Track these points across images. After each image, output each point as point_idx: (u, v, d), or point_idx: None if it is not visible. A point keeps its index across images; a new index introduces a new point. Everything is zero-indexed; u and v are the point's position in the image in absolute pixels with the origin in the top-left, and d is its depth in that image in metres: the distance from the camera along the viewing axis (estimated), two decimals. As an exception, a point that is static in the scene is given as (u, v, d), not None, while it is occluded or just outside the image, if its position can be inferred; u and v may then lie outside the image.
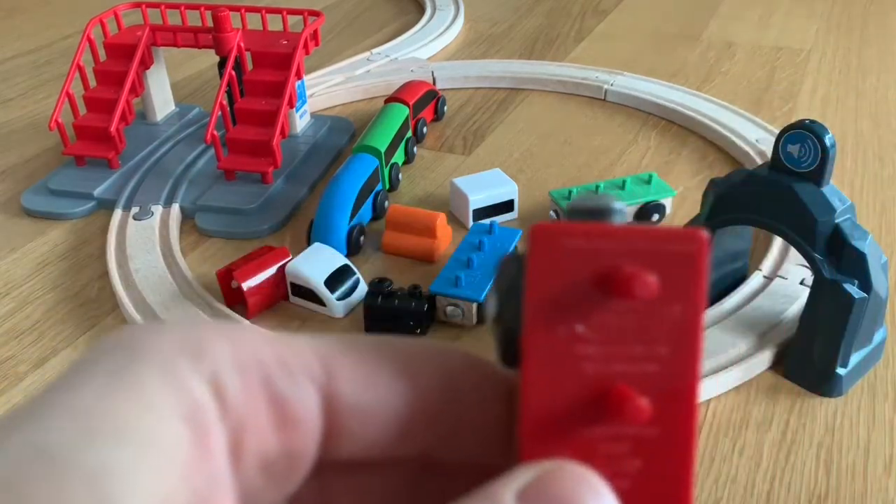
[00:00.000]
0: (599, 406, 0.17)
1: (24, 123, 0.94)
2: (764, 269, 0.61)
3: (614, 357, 0.17)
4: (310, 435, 0.17)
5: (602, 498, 0.16)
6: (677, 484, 0.17)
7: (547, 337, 0.17)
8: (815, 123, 0.50)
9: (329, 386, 0.17)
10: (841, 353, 0.51)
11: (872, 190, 0.76)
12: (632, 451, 0.17)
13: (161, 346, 0.16)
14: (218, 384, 0.16)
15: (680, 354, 0.17)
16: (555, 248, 0.16)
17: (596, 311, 0.17)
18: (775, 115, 0.90)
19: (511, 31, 1.18)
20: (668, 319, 0.17)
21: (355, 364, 0.18)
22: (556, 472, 0.16)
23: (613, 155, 0.83)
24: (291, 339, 0.17)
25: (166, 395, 0.15)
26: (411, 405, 0.18)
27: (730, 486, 0.46)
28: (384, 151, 0.73)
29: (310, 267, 0.60)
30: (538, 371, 0.17)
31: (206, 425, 0.15)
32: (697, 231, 0.17)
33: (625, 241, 0.17)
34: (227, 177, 0.76)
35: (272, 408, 0.17)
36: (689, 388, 0.17)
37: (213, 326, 0.17)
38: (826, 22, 1.19)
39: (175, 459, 0.14)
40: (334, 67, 1.01)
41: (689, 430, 0.17)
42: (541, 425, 0.17)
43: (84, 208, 0.75)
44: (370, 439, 0.18)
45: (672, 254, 0.17)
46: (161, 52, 0.84)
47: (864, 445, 0.49)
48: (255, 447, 0.16)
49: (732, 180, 0.55)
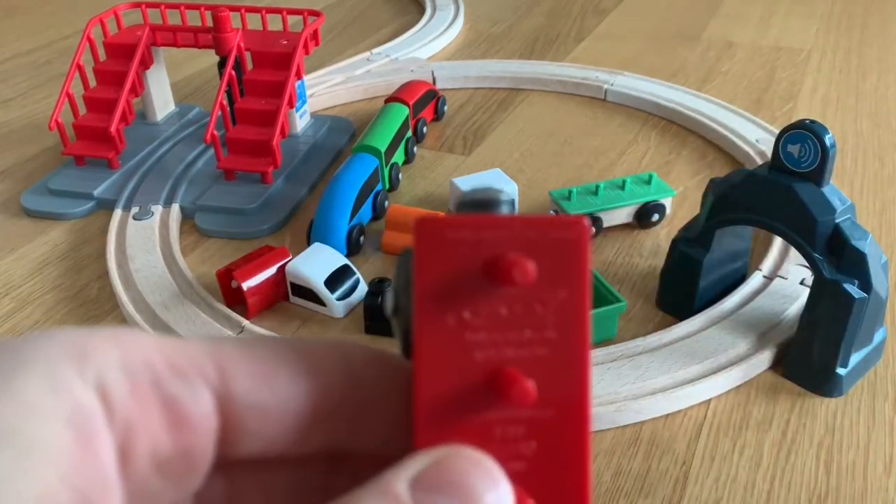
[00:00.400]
0: (490, 391, 0.17)
1: (23, 123, 0.94)
2: (764, 269, 0.61)
3: (504, 343, 0.17)
4: (205, 435, 0.17)
5: (495, 481, 0.17)
6: (574, 464, 0.18)
7: (436, 326, 0.17)
8: (815, 123, 0.50)
9: (223, 386, 0.17)
10: (841, 352, 0.51)
11: (872, 190, 0.76)
12: (527, 434, 0.17)
13: (45, 351, 0.16)
14: (104, 387, 0.16)
15: (568, 338, 0.17)
16: (439, 239, 0.17)
17: (483, 298, 0.17)
18: (775, 115, 0.90)
19: (511, 30, 1.18)
20: (554, 304, 0.17)
21: (251, 364, 0.18)
22: (450, 458, 0.17)
23: (613, 155, 0.83)
24: (184, 342, 0.18)
25: (48, 400, 0.15)
26: (312, 401, 0.18)
27: (730, 485, 0.46)
28: (384, 151, 0.73)
29: (310, 267, 0.60)
30: (429, 359, 0.17)
31: (91, 428, 0.16)
32: (580, 218, 0.17)
33: (509, 231, 0.17)
34: (227, 177, 0.76)
35: (164, 410, 0.17)
36: (579, 370, 0.17)
37: (101, 331, 0.17)
38: (826, 22, 1.18)
39: (56, 462, 0.15)
40: (334, 67, 1.01)
41: (582, 411, 0.17)
42: (434, 412, 0.17)
43: (84, 208, 0.74)
44: (272, 436, 0.18)
45: (555, 241, 0.17)
46: (161, 52, 0.84)
47: (865, 445, 0.49)
48: (146, 448, 0.17)
49: (732, 180, 0.55)
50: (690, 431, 0.50)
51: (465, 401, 0.17)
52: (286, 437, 0.18)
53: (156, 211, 0.72)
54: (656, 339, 0.55)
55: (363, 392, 0.19)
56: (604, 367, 0.52)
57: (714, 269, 0.58)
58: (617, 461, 0.48)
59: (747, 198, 0.53)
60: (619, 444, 0.49)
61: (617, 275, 0.64)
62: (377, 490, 0.16)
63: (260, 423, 0.18)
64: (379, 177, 0.72)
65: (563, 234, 0.17)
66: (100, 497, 0.15)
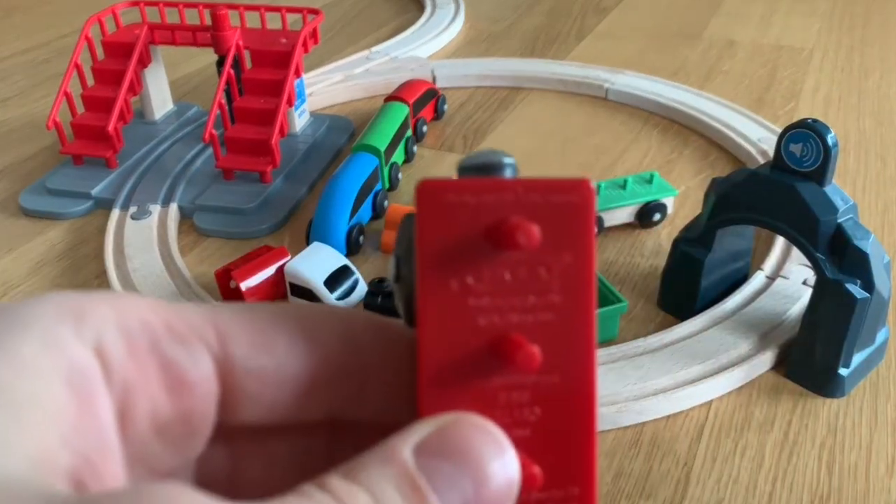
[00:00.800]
0: (494, 356, 0.17)
1: (21, 122, 0.93)
2: (766, 269, 0.61)
3: (508, 308, 0.17)
4: (204, 398, 0.17)
5: (501, 448, 0.16)
6: (579, 430, 0.17)
7: (439, 291, 0.17)
8: (817, 122, 0.50)
9: (222, 350, 0.17)
10: (843, 353, 0.50)
11: (875, 189, 0.75)
12: (531, 400, 0.17)
13: (41, 311, 0.16)
14: (101, 348, 0.16)
15: (573, 302, 0.17)
16: (442, 203, 0.17)
17: (487, 263, 0.17)
18: (777, 114, 0.90)
19: (512, 29, 1.18)
20: (559, 269, 0.17)
21: (251, 328, 0.18)
22: (454, 425, 0.16)
23: (614, 154, 0.83)
24: (182, 307, 0.17)
25: (46, 360, 0.15)
26: (312, 366, 0.18)
27: (732, 486, 0.46)
28: (384, 150, 0.73)
29: (309, 267, 0.60)
30: (432, 325, 0.17)
31: (90, 388, 0.15)
32: (583, 180, 0.17)
33: (513, 194, 0.17)
34: (226, 176, 0.75)
35: (162, 372, 0.17)
36: (584, 335, 0.17)
37: (98, 293, 0.17)
38: (828, 20, 1.18)
39: (55, 421, 0.14)
40: (333, 66, 1.00)
41: (587, 376, 0.17)
42: (438, 379, 0.17)
43: (82, 208, 0.74)
44: (272, 402, 0.18)
45: (559, 204, 0.17)
46: (159, 51, 0.84)
47: (867, 446, 0.49)
48: (145, 411, 0.16)
49: (734, 180, 0.54)
50: (692, 432, 0.50)
51: (469, 367, 0.17)
52: (287, 403, 0.18)
53: (154, 210, 0.72)
54: (657, 339, 0.54)
55: (364, 359, 0.18)
56: (605, 367, 0.52)
57: (716, 269, 0.58)
58: (618, 462, 0.48)
59: (749, 197, 0.53)
60: (620, 445, 0.49)
61: (618, 275, 0.64)
62: (381, 457, 0.16)
63: (259, 387, 0.18)
64: (378, 176, 0.72)
65: (568, 196, 0.17)
66: (100, 459, 0.15)
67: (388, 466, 0.15)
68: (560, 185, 0.17)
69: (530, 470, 0.17)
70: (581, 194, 0.17)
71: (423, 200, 0.17)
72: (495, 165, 0.17)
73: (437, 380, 0.17)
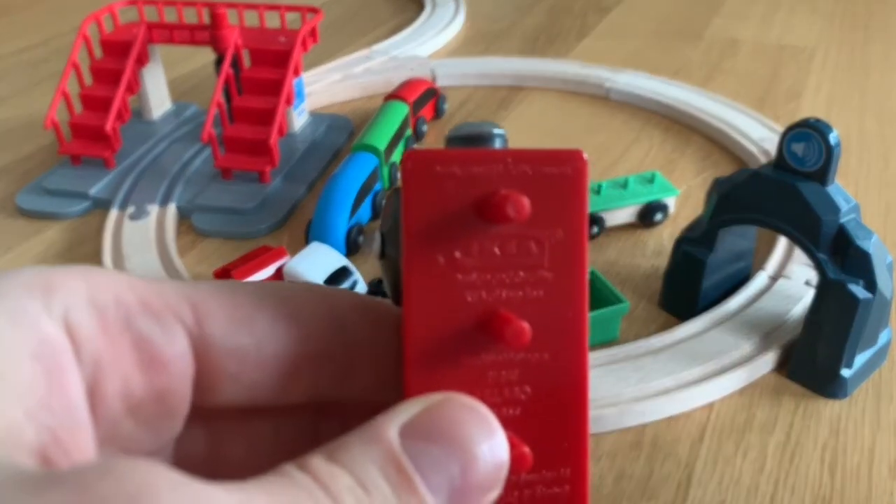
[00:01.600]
0: (482, 333, 0.16)
1: (19, 122, 0.93)
2: (768, 269, 0.60)
3: (497, 283, 0.16)
4: (180, 377, 0.17)
5: (490, 429, 0.16)
6: (570, 408, 0.17)
7: (426, 266, 0.16)
8: (819, 122, 0.49)
9: (199, 328, 0.17)
10: (845, 354, 0.50)
11: (877, 189, 0.75)
12: (521, 378, 0.17)
13: (9, 286, 0.15)
14: (71, 323, 0.15)
15: (565, 278, 0.17)
16: (429, 175, 0.16)
17: (475, 237, 0.16)
18: (779, 113, 0.89)
19: (512, 28, 1.18)
20: (550, 243, 0.16)
21: (230, 306, 0.17)
22: (442, 405, 0.16)
23: (616, 153, 0.82)
24: (158, 282, 0.17)
25: (11, 333, 0.14)
26: (294, 346, 0.17)
27: (733, 488, 0.46)
28: (384, 150, 0.72)
29: (308, 267, 0.60)
30: (419, 301, 0.16)
31: (58, 363, 0.15)
32: (577, 151, 0.16)
33: (502, 165, 0.16)
34: (224, 176, 0.75)
35: (135, 349, 0.16)
36: (576, 312, 0.17)
37: (69, 267, 0.16)
38: (830, 19, 1.18)
39: (20, 396, 0.14)
40: (333, 65, 1.00)
41: (579, 353, 0.17)
42: (425, 357, 0.16)
43: (80, 208, 0.74)
44: (253, 382, 0.17)
45: (550, 176, 0.16)
46: (157, 50, 0.84)
47: (869, 448, 0.48)
48: (117, 388, 0.16)
49: (736, 180, 0.54)
50: (693, 434, 0.49)
51: (456, 344, 0.16)
52: (268, 383, 0.17)
53: (152, 210, 0.71)
54: (659, 340, 0.54)
55: (349, 338, 0.18)
56: (606, 368, 0.52)
57: (718, 269, 0.57)
58: (619, 464, 0.47)
59: (751, 197, 0.53)
60: (621, 447, 0.48)
61: (619, 275, 0.64)
62: (366, 437, 0.15)
63: (239, 367, 0.17)
64: (378, 176, 0.71)
65: (560, 168, 0.16)
66: (69, 436, 0.15)
67: (373, 447, 0.15)
68: (552, 156, 0.16)
69: (520, 450, 0.16)
70: (574, 166, 0.16)
71: (408, 172, 0.16)
72: (484, 136, 0.17)
73: (424, 358, 0.16)
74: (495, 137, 0.17)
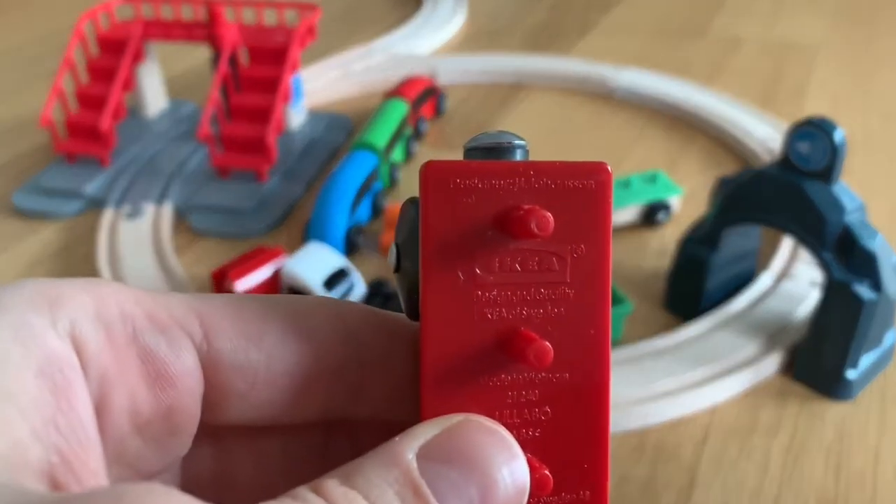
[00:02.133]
0: (503, 352, 0.16)
1: (14, 120, 0.93)
2: (773, 269, 0.60)
3: (518, 301, 0.16)
4: (188, 393, 0.16)
5: (511, 452, 0.15)
6: (592, 430, 0.16)
7: (445, 282, 0.16)
8: (824, 120, 0.49)
9: (208, 344, 0.16)
10: (850, 355, 0.50)
11: (883, 188, 0.74)
12: (541, 399, 0.16)
13: (12, 300, 0.15)
14: (77, 338, 0.15)
15: (588, 296, 0.16)
16: (449, 187, 0.15)
17: (496, 253, 0.16)
18: (783, 111, 0.88)
19: (514, 25, 1.17)
20: (572, 259, 0.16)
21: (239, 322, 0.17)
22: (460, 427, 0.15)
23: (619, 152, 0.82)
24: (166, 296, 0.16)
25: (17, 349, 0.14)
26: (305, 362, 0.17)
27: (738, 490, 0.45)
28: (383, 148, 0.72)
29: (307, 267, 0.59)
30: (437, 318, 0.16)
31: (65, 380, 0.14)
32: (601, 164, 0.16)
33: (524, 178, 0.16)
34: (221, 174, 0.74)
35: (142, 364, 0.16)
36: (599, 331, 0.16)
37: (75, 281, 0.16)
38: (834, 16, 1.17)
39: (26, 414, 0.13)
40: (332, 62, 0.99)
41: (601, 374, 0.16)
42: (443, 376, 0.16)
43: (75, 207, 0.73)
44: (262, 400, 0.17)
45: (573, 189, 0.16)
46: (153, 47, 0.83)
47: (874, 450, 0.48)
48: (124, 405, 0.15)
49: (740, 179, 0.54)
50: (697, 436, 0.49)
51: (475, 363, 0.16)
52: (278, 401, 0.17)
53: (148, 209, 0.71)
54: (663, 341, 0.53)
55: (362, 354, 0.17)
56: (607, 370, 0.51)
57: (722, 269, 0.57)
58: (622, 467, 0.47)
59: (756, 197, 0.52)
60: (624, 449, 0.48)
61: (622, 275, 0.63)
62: (382, 460, 0.15)
63: (248, 384, 0.17)
64: (378, 175, 0.71)
65: (584, 181, 0.16)
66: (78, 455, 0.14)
67: (390, 471, 0.14)
68: (576, 169, 0.16)
69: (540, 473, 0.16)
70: (598, 179, 0.16)
71: (428, 184, 0.15)
72: (505, 147, 0.16)
73: (442, 377, 0.16)
74: (516, 149, 0.16)
